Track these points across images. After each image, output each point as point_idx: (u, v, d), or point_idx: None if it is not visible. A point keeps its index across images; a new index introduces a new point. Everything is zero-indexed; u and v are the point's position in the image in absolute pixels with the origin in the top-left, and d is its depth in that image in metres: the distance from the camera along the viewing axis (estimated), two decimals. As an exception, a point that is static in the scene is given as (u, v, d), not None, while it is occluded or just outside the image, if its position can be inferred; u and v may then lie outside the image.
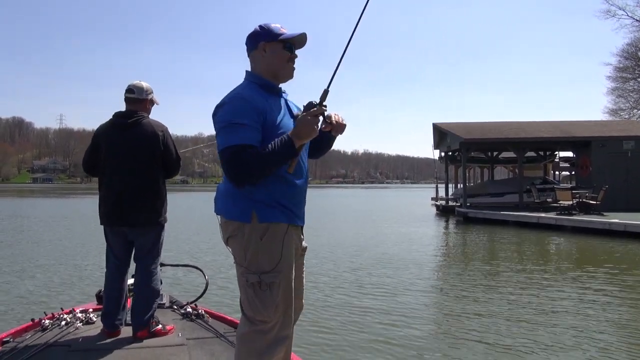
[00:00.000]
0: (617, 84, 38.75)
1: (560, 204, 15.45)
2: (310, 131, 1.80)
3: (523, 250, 10.25)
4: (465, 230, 14.49)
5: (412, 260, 8.55)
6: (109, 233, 3.06)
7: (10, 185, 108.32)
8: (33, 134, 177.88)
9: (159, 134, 3.01)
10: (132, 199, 2.94)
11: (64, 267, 7.83)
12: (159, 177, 3.05)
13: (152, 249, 3.05)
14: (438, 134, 22.50)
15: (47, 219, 17.65)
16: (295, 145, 1.78)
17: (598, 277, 6.93)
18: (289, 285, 1.88)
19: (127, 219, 2.95)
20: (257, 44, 1.95)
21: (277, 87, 1.98)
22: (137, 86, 3.09)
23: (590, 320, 4.78)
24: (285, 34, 1.94)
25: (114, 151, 2.98)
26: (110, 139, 3.00)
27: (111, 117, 3.08)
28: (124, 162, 2.96)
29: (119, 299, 3.00)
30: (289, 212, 1.89)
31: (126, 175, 2.95)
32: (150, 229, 3.01)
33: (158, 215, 3.02)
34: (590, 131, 18.25)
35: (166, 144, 3.04)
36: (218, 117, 1.83)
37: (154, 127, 3.03)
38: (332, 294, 5.93)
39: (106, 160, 3.01)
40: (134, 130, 2.98)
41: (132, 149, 2.96)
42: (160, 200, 3.05)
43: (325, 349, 3.98)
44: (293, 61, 1.97)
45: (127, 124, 2.99)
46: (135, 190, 2.95)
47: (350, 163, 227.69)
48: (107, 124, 3.07)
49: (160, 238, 3.09)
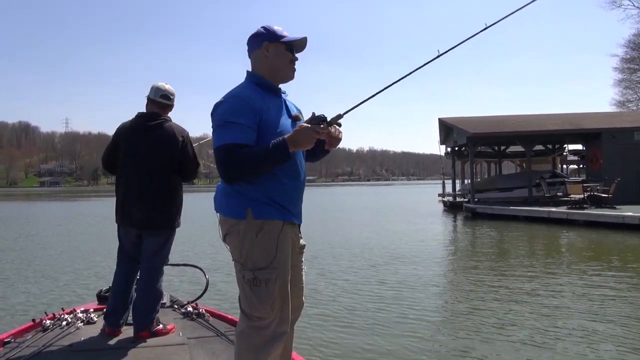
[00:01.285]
0: (624, 76, 38.42)
1: (571, 197, 15.15)
2: (307, 142, 1.83)
3: (537, 246, 10.01)
4: (474, 226, 14.22)
5: (422, 258, 8.33)
6: (122, 232, 3.07)
7: (18, 190, 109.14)
8: (39, 138, 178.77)
9: (179, 139, 3.01)
10: (150, 202, 2.94)
11: (65, 267, 7.81)
12: (177, 181, 3.06)
13: (161, 250, 3.04)
14: (444, 129, 22.23)
15: (51, 221, 17.65)
16: (289, 150, 1.81)
17: (616, 273, 6.69)
18: (284, 282, 1.90)
19: (142, 221, 2.95)
20: (260, 44, 1.99)
21: (276, 87, 2.01)
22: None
23: (607, 318, 4.56)
24: (288, 37, 1.99)
25: (133, 152, 2.98)
26: (130, 140, 3.00)
27: (134, 117, 3.08)
28: (143, 164, 2.96)
29: (125, 298, 3.00)
30: (284, 210, 1.92)
31: (145, 177, 2.95)
32: (162, 231, 3.02)
33: (173, 220, 3.03)
34: (600, 123, 17.89)
35: (185, 149, 3.04)
36: (215, 116, 1.88)
37: (175, 131, 3.03)
38: (341, 291, 5.85)
39: (125, 161, 3.01)
40: (155, 133, 2.98)
41: (152, 152, 2.96)
42: (177, 205, 3.05)
43: (331, 346, 3.94)
44: (294, 63, 2.02)
45: (150, 126, 2.99)
46: (153, 193, 2.95)
47: (356, 160, 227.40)
48: (129, 124, 3.06)
49: (169, 241, 3.09)
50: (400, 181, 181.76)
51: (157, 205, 2.96)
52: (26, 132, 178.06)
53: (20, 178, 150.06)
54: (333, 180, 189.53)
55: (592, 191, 14.45)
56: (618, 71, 38.38)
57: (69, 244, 10.89)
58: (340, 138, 1.98)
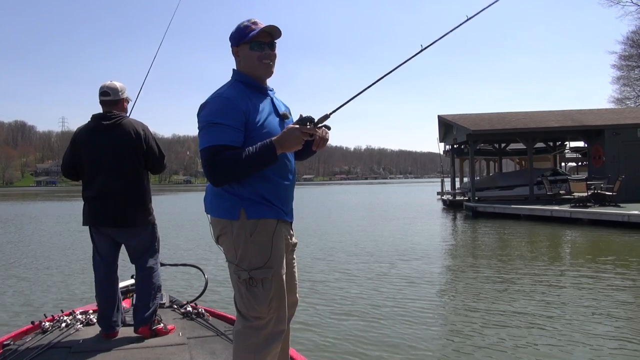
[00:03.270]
0: (622, 73, 38.25)
1: (575, 195, 14.86)
2: (295, 144, 1.80)
3: (541, 245, 9.72)
4: (475, 225, 13.92)
5: (424, 257, 8.08)
6: (95, 234, 3.03)
7: (14, 189, 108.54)
8: (36, 138, 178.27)
9: (140, 133, 2.99)
10: (119, 200, 2.92)
11: (64, 269, 7.80)
12: (143, 176, 3.04)
13: (150, 247, 3.03)
14: (443, 126, 21.91)
15: (47, 221, 17.53)
16: (277, 153, 1.79)
17: (623, 271, 6.41)
18: (280, 280, 1.89)
19: (115, 221, 2.92)
20: (232, 47, 1.97)
21: (262, 85, 1.97)
22: (111, 87, 3.08)
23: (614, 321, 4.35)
24: (248, 35, 1.90)
25: (96, 153, 2.95)
26: (89, 143, 2.97)
27: (89, 120, 3.05)
28: (108, 163, 2.93)
29: (111, 301, 2.96)
30: (276, 208, 1.90)
31: (111, 176, 2.93)
32: (141, 229, 2.99)
33: (147, 214, 3.01)
34: (603, 119, 17.58)
35: (148, 142, 3.03)
36: (200, 117, 1.86)
37: (135, 126, 3.00)
38: (341, 291, 5.73)
39: (89, 163, 2.97)
40: (115, 131, 2.96)
41: (115, 150, 2.93)
42: (147, 199, 3.03)
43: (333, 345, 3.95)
44: (268, 58, 1.93)
45: (105, 125, 2.96)
46: (122, 191, 2.93)
47: (353, 159, 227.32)
48: (86, 127, 3.03)
49: (155, 236, 3.08)
50: (398, 179, 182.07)
51: (129, 202, 2.94)
52: (22, 131, 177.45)
53: (16, 178, 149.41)
54: (330, 178, 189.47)
55: (596, 189, 14.18)
56: (616, 68, 38.20)
57: (69, 245, 10.81)
58: (327, 139, 1.93)
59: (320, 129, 1.87)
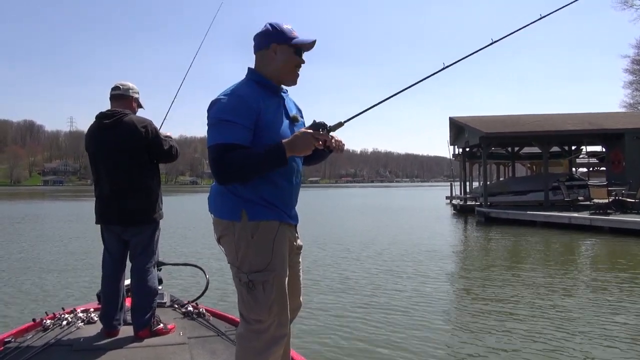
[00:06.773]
0: (635, 77, 37.51)
1: (594, 202, 14.22)
2: (305, 148, 1.78)
3: (562, 254, 9.12)
4: (488, 232, 13.32)
5: (434, 264, 7.58)
6: (105, 232, 3.06)
7: (21, 188, 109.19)
8: (44, 137, 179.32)
9: (141, 130, 2.96)
10: (124, 198, 2.93)
11: (65, 267, 7.81)
12: (148, 173, 3.01)
13: (147, 247, 3.02)
14: (455, 129, 21.35)
15: (51, 220, 17.49)
16: (286, 156, 1.76)
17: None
18: (282, 284, 1.86)
19: (120, 218, 2.94)
20: (268, 44, 1.91)
21: (277, 87, 1.95)
22: (122, 83, 3.13)
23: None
24: (297, 39, 1.91)
25: (101, 152, 2.98)
26: (94, 142, 3.01)
27: (95, 119, 3.07)
28: (112, 162, 2.95)
29: (115, 299, 2.98)
30: (279, 210, 1.87)
31: (115, 174, 2.95)
32: (145, 227, 2.99)
33: (152, 212, 2.99)
34: (623, 123, 16.94)
35: (150, 137, 2.99)
36: (211, 113, 1.83)
37: (136, 123, 2.98)
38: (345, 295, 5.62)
39: (96, 161, 3.01)
40: (116, 129, 2.96)
41: (117, 148, 2.94)
42: (153, 197, 3.01)
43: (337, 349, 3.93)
44: (299, 67, 1.96)
45: (108, 124, 2.97)
46: (126, 189, 2.93)
47: (360, 162, 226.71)
48: (91, 127, 3.07)
49: (155, 236, 3.06)
50: (404, 183, 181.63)
51: (134, 200, 2.94)
52: (31, 130, 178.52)
53: (24, 177, 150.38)
54: (336, 181, 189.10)
55: (617, 195, 13.53)
56: (629, 72, 37.51)
57: (70, 244, 10.78)
58: (344, 144, 1.93)
59: (333, 137, 1.86)
